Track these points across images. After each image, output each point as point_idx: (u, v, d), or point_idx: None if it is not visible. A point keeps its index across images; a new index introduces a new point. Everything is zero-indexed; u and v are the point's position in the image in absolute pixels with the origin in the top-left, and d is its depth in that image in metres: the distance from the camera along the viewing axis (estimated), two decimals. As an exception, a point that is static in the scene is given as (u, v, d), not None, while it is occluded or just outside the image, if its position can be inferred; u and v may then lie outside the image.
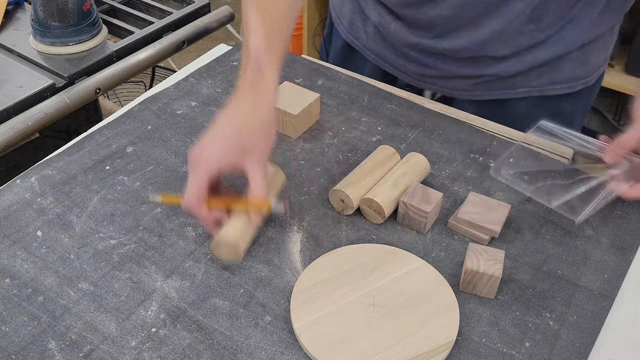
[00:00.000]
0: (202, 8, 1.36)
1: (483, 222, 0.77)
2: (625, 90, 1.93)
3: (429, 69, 0.99)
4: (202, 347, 0.66)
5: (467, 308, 0.71)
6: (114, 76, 1.17)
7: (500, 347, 0.67)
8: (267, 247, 0.77)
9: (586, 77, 0.99)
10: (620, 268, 0.76)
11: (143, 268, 0.74)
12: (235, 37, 2.94)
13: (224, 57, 1.08)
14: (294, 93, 0.94)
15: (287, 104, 0.91)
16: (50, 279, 0.72)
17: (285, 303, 0.71)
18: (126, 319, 0.69)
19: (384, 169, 0.83)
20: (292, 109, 0.90)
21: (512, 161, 0.85)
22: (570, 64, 0.96)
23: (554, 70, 0.96)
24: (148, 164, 0.87)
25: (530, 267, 0.75)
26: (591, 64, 0.98)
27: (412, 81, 1.05)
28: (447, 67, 0.98)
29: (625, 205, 0.83)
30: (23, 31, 1.23)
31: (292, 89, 0.95)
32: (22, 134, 1.04)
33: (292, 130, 0.92)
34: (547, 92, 0.99)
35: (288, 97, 0.92)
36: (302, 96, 0.93)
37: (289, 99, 0.92)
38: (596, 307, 0.71)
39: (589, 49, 0.96)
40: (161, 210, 0.81)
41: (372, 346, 0.65)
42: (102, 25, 1.24)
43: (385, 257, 0.74)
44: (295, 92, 0.94)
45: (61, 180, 0.85)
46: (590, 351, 0.67)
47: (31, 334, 0.67)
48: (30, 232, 0.78)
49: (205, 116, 0.96)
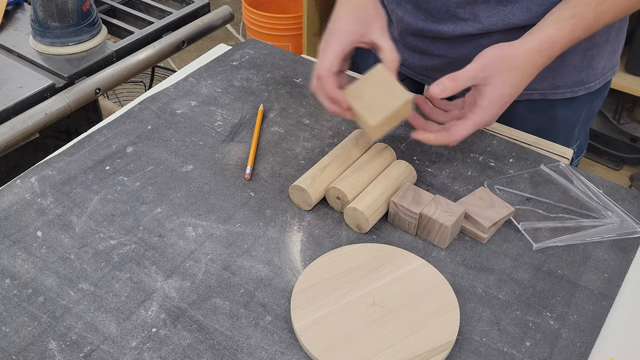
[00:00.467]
0: (202, 8, 1.36)
1: (476, 215, 0.77)
2: (625, 90, 1.93)
3: (432, 58, 0.98)
4: (203, 347, 0.66)
5: (468, 307, 0.71)
6: (114, 76, 1.17)
7: (501, 346, 0.67)
8: (267, 247, 0.77)
9: (589, 82, 0.98)
10: (621, 268, 0.76)
11: (143, 268, 0.74)
12: (235, 37, 2.94)
13: (223, 57, 1.08)
14: (382, 88, 0.79)
15: (369, 107, 0.78)
16: (51, 279, 0.72)
17: (286, 303, 0.71)
18: (126, 319, 0.69)
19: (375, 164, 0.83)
20: (372, 115, 0.78)
21: (504, 183, 0.85)
22: (574, 68, 0.95)
23: (557, 73, 0.95)
24: (148, 164, 0.87)
25: (531, 267, 0.75)
26: (594, 68, 0.97)
27: (413, 75, 1.05)
28: (450, 53, 0.97)
29: (625, 205, 0.83)
30: (23, 31, 1.23)
31: (383, 81, 0.80)
32: (22, 135, 1.04)
33: (372, 133, 0.81)
34: (549, 96, 0.98)
35: (374, 93, 0.79)
36: (390, 95, 0.79)
37: (374, 96, 0.79)
38: (596, 307, 0.71)
39: (593, 54, 0.95)
40: (161, 210, 0.81)
41: (373, 346, 0.65)
42: (101, 26, 1.24)
43: (386, 257, 0.74)
44: (384, 86, 0.79)
45: (61, 180, 0.85)
46: (591, 350, 0.67)
47: (31, 334, 0.67)
48: (30, 233, 0.78)
49: (205, 116, 0.96)
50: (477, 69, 0.78)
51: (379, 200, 0.78)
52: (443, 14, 0.92)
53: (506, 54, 0.78)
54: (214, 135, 0.92)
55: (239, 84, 1.02)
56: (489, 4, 0.88)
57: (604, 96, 1.04)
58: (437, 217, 0.75)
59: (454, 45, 0.95)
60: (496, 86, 0.77)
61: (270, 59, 1.08)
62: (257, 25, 2.51)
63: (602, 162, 2.21)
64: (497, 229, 0.79)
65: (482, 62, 0.78)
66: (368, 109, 0.78)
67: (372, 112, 0.78)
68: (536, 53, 0.78)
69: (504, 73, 0.77)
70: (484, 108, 0.78)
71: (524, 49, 0.78)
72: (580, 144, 1.07)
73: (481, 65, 0.78)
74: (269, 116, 0.96)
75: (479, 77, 0.78)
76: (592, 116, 1.06)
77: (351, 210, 0.78)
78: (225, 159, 0.89)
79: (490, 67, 0.77)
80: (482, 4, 0.89)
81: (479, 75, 0.78)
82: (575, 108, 1.00)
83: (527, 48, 0.78)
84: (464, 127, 0.79)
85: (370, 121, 0.78)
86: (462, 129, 0.79)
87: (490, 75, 0.77)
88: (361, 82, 0.80)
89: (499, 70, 0.77)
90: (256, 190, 0.84)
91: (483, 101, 0.78)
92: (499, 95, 0.77)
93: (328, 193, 0.81)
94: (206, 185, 0.84)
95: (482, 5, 0.89)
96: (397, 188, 0.81)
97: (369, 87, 0.80)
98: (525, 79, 0.79)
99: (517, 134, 0.96)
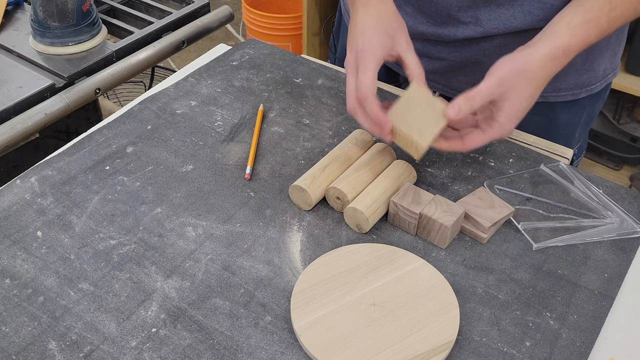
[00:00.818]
0: (202, 8, 1.36)
1: (476, 215, 0.77)
2: (625, 90, 1.93)
3: (433, 62, 0.98)
4: (203, 347, 0.66)
5: (468, 307, 0.71)
6: (114, 76, 1.17)
7: (501, 346, 0.67)
8: (267, 247, 0.77)
9: (590, 84, 0.97)
10: (621, 268, 0.76)
11: (143, 268, 0.74)
12: (235, 37, 2.94)
13: (223, 57, 1.08)
14: (423, 107, 0.78)
15: (416, 128, 0.76)
16: (51, 279, 0.72)
17: (286, 303, 0.71)
18: (126, 319, 0.69)
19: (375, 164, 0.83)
20: (423, 137, 0.76)
21: (504, 183, 0.85)
22: (575, 71, 0.94)
23: (558, 76, 0.94)
24: (148, 164, 0.87)
25: (530, 267, 0.75)
26: (596, 71, 0.96)
27: None
28: (451, 56, 0.97)
29: (625, 205, 0.83)
30: (23, 31, 1.23)
31: (422, 99, 0.78)
32: (22, 134, 1.04)
33: (419, 153, 0.78)
34: (550, 99, 0.97)
35: (417, 113, 0.77)
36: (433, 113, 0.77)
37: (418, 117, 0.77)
38: (596, 307, 0.71)
39: (595, 56, 0.94)
40: (161, 210, 0.81)
41: (373, 346, 0.65)
42: (101, 26, 1.24)
43: (385, 257, 0.74)
44: (425, 105, 0.78)
45: (61, 180, 0.85)
46: (591, 350, 0.67)
47: (31, 334, 0.67)
48: (30, 233, 0.77)
49: (205, 116, 0.96)
50: (494, 85, 0.75)
51: (379, 200, 0.78)
52: (444, 18, 0.91)
53: (522, 66, 0.75)
54: (214, 135, 0.92)
55: (239, 84, 1.02)
56: (490, 7, 0.88)
57: (604, 98, 1.04)
58: (437, 217, 0.75)
59: (456, 48, 0.95)
60: (514, 102, 0.75)
61: (270, 59, 1.08)
62: (257, 25, 2.51)
63: (602, 162, 2.21)
64: (497, 229, 0.79)
65: (497, 77, 0.75)
66: (416, 130, 0.76)
67: (422, 133, 0.76)
68: (549, 61, 0.76)
69: (520, 87, 0.75)
70: (501, 123, 0.76)
71: (538, 58, 0.75)
72: (580, 145, 1.07)
73: (497, 81, 0.75)
74: (269, 116, 0.96)
75: (495, 92, 0.75)
76: (592, 118, 1.05)
77: (351, 210, 0.78)
78: (225, 159, 0.89)
79: (507, 81, 0.75)
80: (484, 7, 0.88)
81: (495, 91, 0.75)
82: (577, 110, 1.00)
83: (540, 56, 0.75)
84: (479, 139, 0.77)
85: (422, 143, 0.75)
86: (477, 140, 0.77)
87: (507, 89, 0.75)
88: (401, 102, 0.78)
89: (516, 85, 0.75)
90: (256, 190, 0.84)
91: (500, 116, 0.76)
92: (516, 111, 0.76)
93: (328, 193, 0.81)
94: (206, 185, 0.84)
95: (484, 9, 0.88)
96: (397, 188, 0.81)
97: (410, 107, 0.77)
98: (538, 90, 0.77)
99: (517, 134, 0.96)
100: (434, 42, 0.95)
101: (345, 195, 0.79)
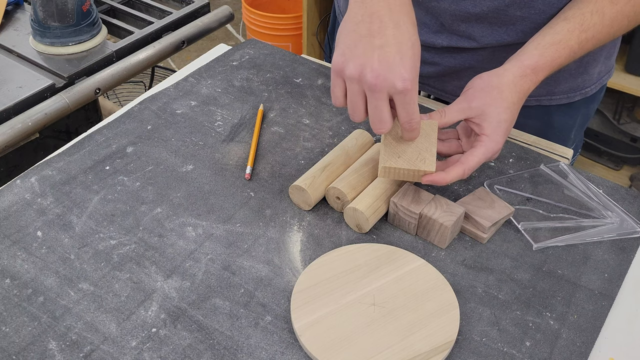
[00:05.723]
0: (202, 8, 1.36)
1: (476, 215, 0.77)
2: (625, 90, 1.94)
3: (426, 66, 0.98)
4: (203, 347, 0.66)
5: (468, 307, 0.71)
6: (114, 76, 1.17)
7: (501, 346, 0.67)
8: (267, 247, 0.77)
9: (585, 87, 0.98)
10: (621, 268, 0.76)
11: (143, 268, 0.74)
12: (235, 37, 2.94)
13: (223, 57, 1.08)
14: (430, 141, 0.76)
15: (414, 157, 0.75)
16: (51, 279, 0.72)
17: (286, 303, 0.71)
18: (126, 319, 0.69)
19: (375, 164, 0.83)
20: (425, 163, 0.75)
21: (504, 183, 0.85)
22: (569, 75, 0.95)
23: (553, 80, 0.94)
24: (148, 164, 0.87)
25: (530, 267, 0.75)
26: (590, 74, 0.97)
27: None
28: (444, 62, 0.97)
29: (625, 205, 0.83)
30: (23, 31, 1.23)
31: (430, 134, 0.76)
32: (22, 134, 1.04)
33: (420, 179, 0.76)
34: (544, 102, 0.98)
35: (406, 144, 0.76)
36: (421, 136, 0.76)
37: (409, 146, 0.76)
38: (596, 307, 0.71)
39: (589, 60, 0.94)
40: (161, 210, 0.81)
41: (373, 346, 0.65)
42: (101, 26, 1.24)
43: (386, 256, 0.74)
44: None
45: (61, 180, 0.85)
46: (591, 350, 0.67)
47: (31, 334, 0.67)
48: (30, 233, 0.78)
49: (205, 116, 0.96)
50: (463, 100, 0.77)
51: (379, 200, 0.78)
52: (438, 27, 0.92)
53: (493, 83, 0.77)
54: (214, 135, 0.92)
55: (239, 84, 1.02)
56: (483, 25, 0.89)
57: (600, 99, 1.04)
58: (437, 217, 0.75)
59: (450, 54, 0.95)
60: (492, 115, 0.76)
61: (270, 59, 1.08)
62: (257, 25, 2.51)
63: (602, 162, 2.21)
64: (497, 229, 0.79)
65: (468, 95, 0.77)
66: (418, 161, 0.74)
67: (424, 161, 0.74)
68: (519, 78, 0.77)
69: (495, 101, 0.76)
70: (489, 136, 0.76)
71: (508, 77, 0.77)
72: (575, 145, 1.07)
73: (467, 98, 0.77)
74: (269, 116, 0.96)
75: (467, 109, 0.77)
76: (588, 119, 1.06)
77: (351, 210, 0.78)
78: (225, 159, 0.89)
79: (478, 98, 0.76)
80: (477, 24, 0.89)
81: (466, 106, 0.77)
82: (572, 113, 1.00)
83: (510, 75, 0.77)
84: (474, 157, 0.77)
85: (431, 169, 0.74)
86: (473, 159, 0.76)
87: (483, 105, 0.76)
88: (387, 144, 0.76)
89: (489, 99, 0.76)
90: (256, 190, 0.84)
91: (485, 130, 0.76)
92: (498, 122, 0.76)
93: (328, 193, 0.81)
94: (206, 185, 0.84)
95: (477, 26, 0.89)
96: (397, 188, 0.81)
97: (399, 143, 0.76)
98: (517, 103, 0.78)
99: (517, 134, 0.96)
100: (428, 48, 0.96)
101: (345, 195, 0.79)
